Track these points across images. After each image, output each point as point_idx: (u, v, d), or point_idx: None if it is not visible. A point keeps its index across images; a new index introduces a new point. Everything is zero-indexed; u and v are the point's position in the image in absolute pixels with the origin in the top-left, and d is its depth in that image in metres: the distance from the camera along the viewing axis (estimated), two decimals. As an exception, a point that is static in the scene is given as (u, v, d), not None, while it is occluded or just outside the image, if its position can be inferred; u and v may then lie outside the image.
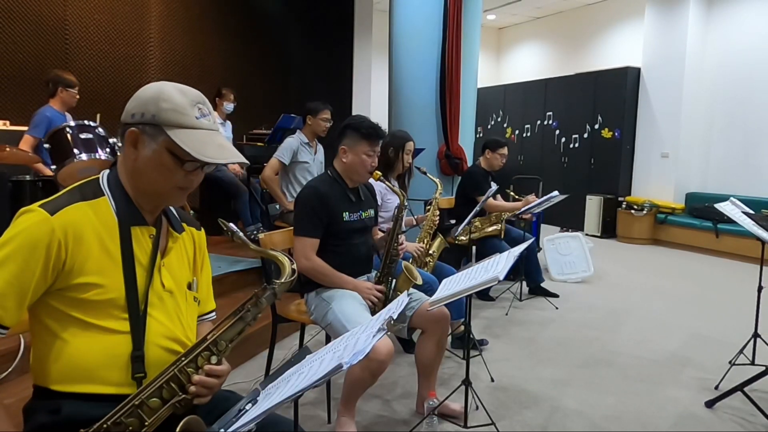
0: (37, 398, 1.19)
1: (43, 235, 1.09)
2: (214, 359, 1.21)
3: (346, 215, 2.40)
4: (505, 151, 4.37)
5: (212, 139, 1.20)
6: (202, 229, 1.45)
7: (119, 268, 1.17)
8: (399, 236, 2.48)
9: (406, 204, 2.54)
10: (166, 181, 1.21)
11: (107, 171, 1.25)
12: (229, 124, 5.31)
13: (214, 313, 1.47)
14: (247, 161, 1.27)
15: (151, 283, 1.21)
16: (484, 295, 4.46)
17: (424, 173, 3.35)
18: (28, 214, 1.12)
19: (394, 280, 2.43)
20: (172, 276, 1.28)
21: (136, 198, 1.23)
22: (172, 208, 1.34)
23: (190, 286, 1.34)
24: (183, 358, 1.18)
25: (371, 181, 2.59)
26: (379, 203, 2.90)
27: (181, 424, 1.11)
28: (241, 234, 1.28)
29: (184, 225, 1.38)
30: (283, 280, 1.26)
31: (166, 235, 1.31)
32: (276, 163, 3.97)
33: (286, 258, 1.30)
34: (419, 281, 2.49)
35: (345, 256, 2.40)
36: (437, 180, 3.24)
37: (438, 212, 3.29)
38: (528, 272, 4.55)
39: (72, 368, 1.14)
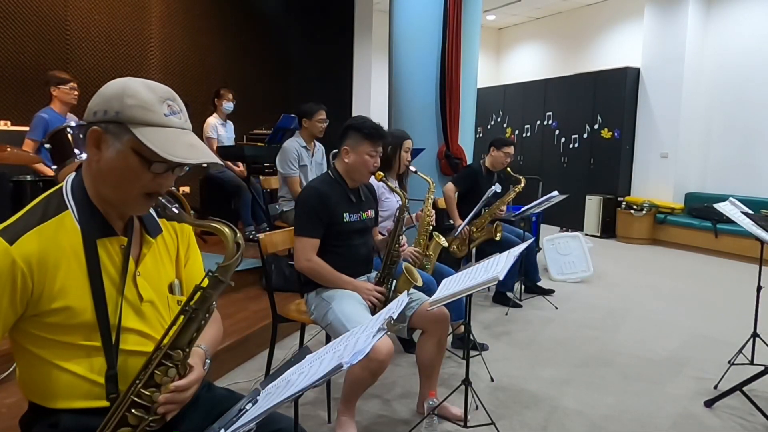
0: (34, 412, 1.17)
1: (4, 268, 1.03)
2: (172, 372, 1.13)
3: (346, 216, 2.40)
4: (510, 150, 4.35)
5: (182, 138, 1.11)
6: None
7: (86, 286, 1.11)
8: (400, 237, 2.48)
9: (408, 206, 2.54)
10: (132, 186, 1.11)
11: (71, 177, 1.17)
12: (230, 124, 5.31)
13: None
14: (220, 161, 1.17)
15: (123, 297, 1.15)
16: (503, 299, 4.40)
17: (415, 172, 3.33)
18: None
19: (394, 281, 2.44)
20: (150, 285, 1.21)
21: (102, 205, 1.15)
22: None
23: (171, 290, 1.26)
24: (137, 381, 1.11)
25: (371, 180, 2.60)
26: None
27: None
28: (171, 207, 1.12)
29: (164, 222, 1.29)
30: (223, 263, 1.13)
31: (140, 241, 1.22)
32: (295, 181, 3.96)
33: (228, 228, 1.14)
34: (419, 283, 2.49)
35: (345, 257, 2.41)
36: (428, 178, 3.23)
37: (432, 211, 3.29)
38: (525, 271, 4.56)
39: (61, 388, 1.12)
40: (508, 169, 4.43)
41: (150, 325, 1.20)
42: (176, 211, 1.13)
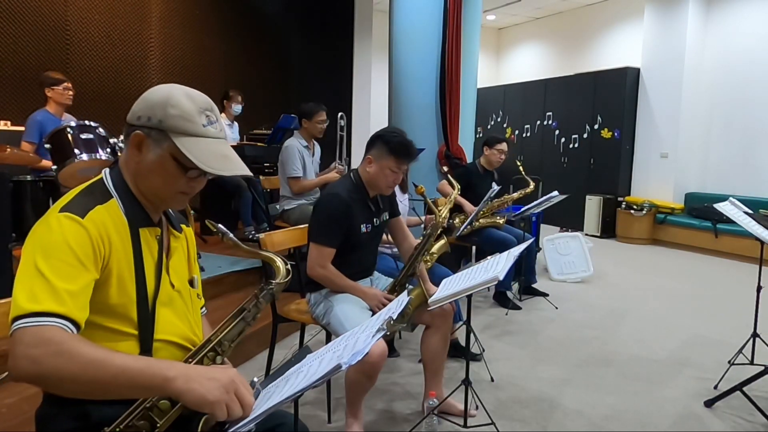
0: (52, 405, 1.16)
1: (85, 238, 1.08)
2: (219, 359, 1.22)
3: (362, 227, 2.38)
4: (503, 147, 4.35)
5: (217, 149, 1.19)
6: (190, 224, 1.46)
7: (132, 271, 1.17)
8: (426, 253, 2.46)
9: (444, 225, 2.50)
10: (169, 187, 1.20)
11: (108, 170, 1.24)
12: (236, 125, 5.32)
13: (205, 308, 1.47)
14: (250, 173, 1.25)
15: (160, 283, 1.22)
16: (503, 298, 4.38)
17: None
18: (63, 220, 1.08)
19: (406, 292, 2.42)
20: (177, 275, 1.29)
21: (141, 197, 1.23)
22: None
23: (192, 283, 1.35)
24: (190, 360, 1.18)
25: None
26: None
27: (200, 424, 1.11)
28: (231, 235, 1.28)
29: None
30: (278, 281, 1.28)
31: (168, 235, 1.31)
32: (298, 180, 3.97)
33: (279, 259, 1.30)
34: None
35: (350, 263, 2.39)
36: (456, 184, 3.19)
37: (447, 215, 3.25)
38: (523, 272, 4.56)
39: None
40: (521, 168, 4.45)
41: (177, 314, 1.26)
42: (234, 240, 1.28)
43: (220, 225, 1.27)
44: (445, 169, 3.91)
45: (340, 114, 4.39)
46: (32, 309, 1.00)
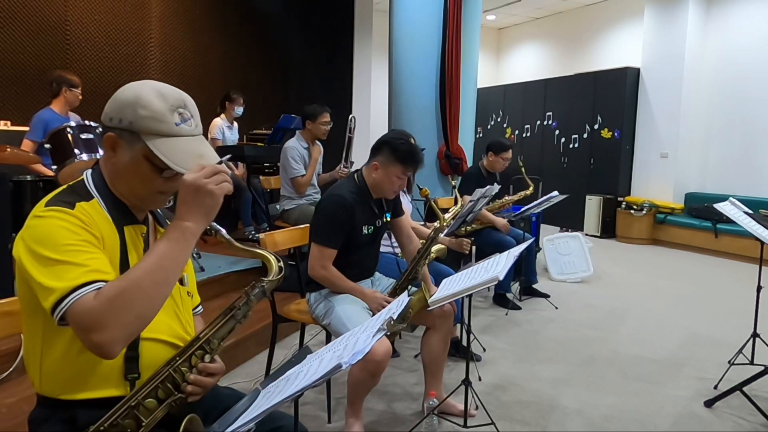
0: (45, 407, 1.16)
1: (78, 224, 1.08)
2: (207, 358, 1.20)
3: (364, 229, 2.39)
4: (508, 155, 4.33)
5: (192, 148, 1.17)
6: None
7: (118, 269, 1.15)
8: (428, 257, 2.47)
9: (446, 226, 2.51)
10: (145, 187, 1.19)
11: (90, 171, 1.23)
12: (236, 125, 5.32)
13: (200, 307, 1.46)
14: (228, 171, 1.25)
15: None
16: (502, 300, 4.37)
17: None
18: (53, 212, 1.07)
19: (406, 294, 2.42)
20: None
21: (122, 198, 1.22)
22: None
23: (181, 281, 1.33)
24: (177, 358, 1.17)
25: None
26: None
27: (183, 423, 1.11)
28: (223, 232, 1.26)
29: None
30: (270, 278, 1.26)
31: (154, 233, 1.30)
32: (300, 180, 3.98)
33: (273, 257, 1.29)
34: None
35: (351, 264, 2.39)
36: (460, 199, 3.19)
37: (450, 221, 3.24)
38: (523, 272, 4.55)
39: (74, 376, 1.12)
40: (524, 169, 4.46)
41: (166, 312, 1.23)
42: (227, 237, 1.24)
43: (213, 222, 1.25)
44: (453, 183, 3.97)
45: (351, 116, 4.38)
46: (70, 285, 1.00)
